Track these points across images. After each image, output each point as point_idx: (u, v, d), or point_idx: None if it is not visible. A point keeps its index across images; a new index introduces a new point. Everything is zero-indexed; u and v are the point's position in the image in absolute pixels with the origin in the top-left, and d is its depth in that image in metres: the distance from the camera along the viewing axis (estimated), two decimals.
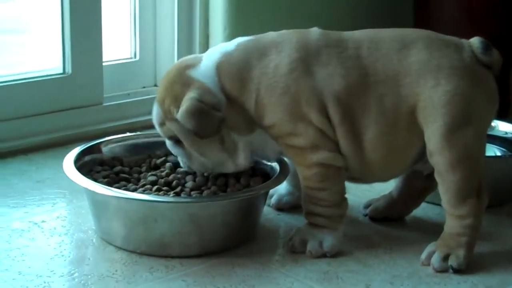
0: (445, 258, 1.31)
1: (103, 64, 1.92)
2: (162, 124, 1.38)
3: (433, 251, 1.33)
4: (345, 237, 1.39)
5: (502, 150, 1.70)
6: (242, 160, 1.38)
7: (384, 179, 1.42)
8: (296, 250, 1.35)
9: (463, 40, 1.36)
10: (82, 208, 1.49)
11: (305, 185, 1.35)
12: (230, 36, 1.97)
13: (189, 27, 2.01)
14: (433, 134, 1.30)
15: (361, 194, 1.57)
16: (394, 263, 1.34)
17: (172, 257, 1.32)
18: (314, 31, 1.37)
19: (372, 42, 1.34)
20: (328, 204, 1.35)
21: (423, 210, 1.52)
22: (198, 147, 1.36)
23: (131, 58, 2.04)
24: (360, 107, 1.32)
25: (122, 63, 2.03)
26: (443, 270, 1.31)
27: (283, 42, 1.35)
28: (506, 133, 1.71)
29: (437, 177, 1.33)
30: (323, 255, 1.35)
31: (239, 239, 1.37)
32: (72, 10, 1.83)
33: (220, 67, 1.35)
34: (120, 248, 1.35)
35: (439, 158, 1.30)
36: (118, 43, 2.04)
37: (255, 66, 1.34)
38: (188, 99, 1.31)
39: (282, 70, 1.32)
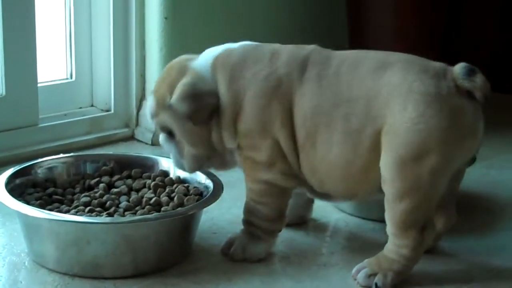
0: (372, 275, 1.32)
1: (39, 85, 1.91)
2: (155, 115, 1.41)
3: (363, 267, 1.34)
4: (278, 254, 1.41)
5: None
6: (231, 159, 1.41)
7: (350, 198, 1.40)
8: (223, 252, 1.40)
9: (449, 68, 1.28)
10: (14, 231, 1.47)
11: (249, 196, 1.39)
12: (167, 56, 1.98)
13: (125, 47, 2.00)
14: (387, 162, 1.27)
15: None
16: (327, 279, 1.35)
17: (106, 278, 1.32)
18: (309, 49, 1.38)
19: (354, 61, 1.32)
20: (265, 218, 1.38)
21: (358, 226, 1.53)
22: (190, 137, 1.38)
23: (67, 78, 2.02)
24: (326, 125, 1.31)
25: (58, 83, 2.01)
26: (367, 287, 1.32)
27: (280, 54, 1.37)
28: None
29: (385, 203, 1.30)
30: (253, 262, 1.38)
31: (174, 259, 1.37)
32: (5, 30, 1.81)
33: (217, 60, 1.38)
34: (52, 271, 1.33)
35: (389, 187, 1.28)
36: (53, 64, 2.03)
37: (249, 68, 1.36)
38: (182, 84, 1.36)
39: (271, 83, 1.34)
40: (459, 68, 1.27)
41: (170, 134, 1.41)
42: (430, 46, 2.13)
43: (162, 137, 1.43)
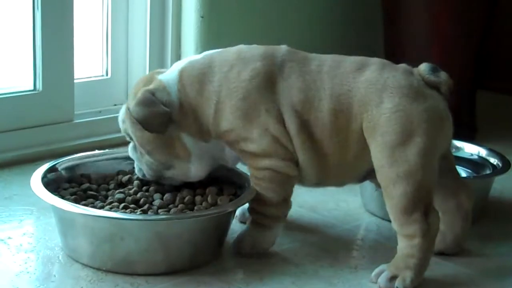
0: (392, 278, 1.32)
1: (75, 81, 1.93)
2: (123, 122, 1.44)
3: (382, 270, 1.34)
4: (310, 256, 1.41)
5: (468, 172, 1.73)
6: (195, 170, 1.42)
7: (339, 186, 1.47)
8: (235, 249, 1.42)
9: (414, 68, 1.40)
10: (49, 225, 1.48)
11: (253, 183, 1.40)
12: None
13: (161, 45, 2.02)
14: (375, 152, 1.34)
15: (327, 214, 1.58)
16: (359, 282, 1.35)
17: (138, 274, 1.32)
18: (282, 47, 1.43)
19: (334, 61, 1.41)
20: (269, 203, 1.40)
21: (389, 230, 1.52)
22: (146, 144, 1.40)
23: (102, 75, 2.04)
24: (315, 120, 1.37)
25: (94, 80, 2.03)
26: None
27: (248, 53, 1.41)
28: (472, 154, 1.74)
29: (383, 195, 1.35)
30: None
31: (206, 257, 1.38)
32: (43, 27, 1.84)
33: (183, 71, 1.41)
34: (86, 266, 1.35)
35: (381, 175, 1.34)
36: (90, 61, 2.04)
37: (217, 72, 1.40)
38: (142, 90, 1.39)
39: (244, 76, 1.38)
40: (424, 66, 1.38)
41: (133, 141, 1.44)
42: (466, 49, 2.11)
43: (130, 145, 1.46)
